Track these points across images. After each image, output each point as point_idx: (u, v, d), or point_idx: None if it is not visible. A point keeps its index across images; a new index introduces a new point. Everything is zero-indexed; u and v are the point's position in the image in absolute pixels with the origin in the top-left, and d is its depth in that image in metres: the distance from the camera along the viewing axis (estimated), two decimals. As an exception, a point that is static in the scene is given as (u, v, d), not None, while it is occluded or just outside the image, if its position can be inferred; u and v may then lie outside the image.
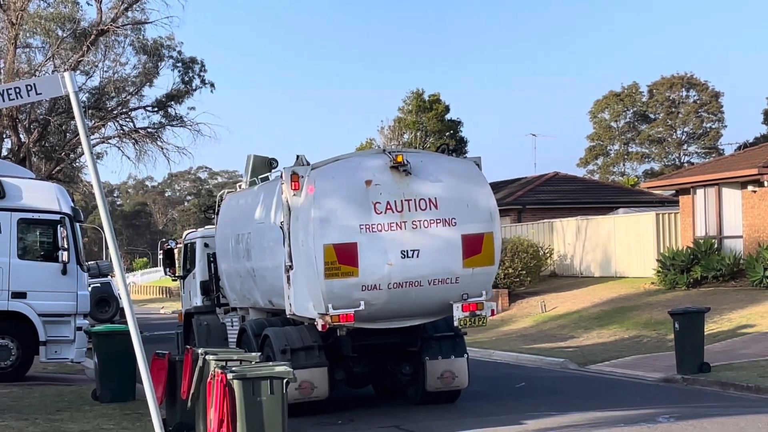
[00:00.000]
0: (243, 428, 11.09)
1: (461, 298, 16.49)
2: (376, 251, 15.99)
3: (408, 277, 16.13)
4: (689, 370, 20.32)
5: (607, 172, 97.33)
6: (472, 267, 16.46)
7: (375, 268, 15.98)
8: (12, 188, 21.76)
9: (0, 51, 41.62)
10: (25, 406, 17.58)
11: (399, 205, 16.14)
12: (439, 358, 17.36)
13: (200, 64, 46.81)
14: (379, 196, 16.12)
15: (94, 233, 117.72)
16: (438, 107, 61.27)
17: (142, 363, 10.96)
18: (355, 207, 16.06)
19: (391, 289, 16.09)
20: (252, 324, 18.69)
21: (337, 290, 15.87)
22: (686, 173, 39.17)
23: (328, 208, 16.00)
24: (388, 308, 16.27)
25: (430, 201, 16.28)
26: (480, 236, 16.50)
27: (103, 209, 11.14)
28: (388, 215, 16.08)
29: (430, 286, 16.28)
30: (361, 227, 15.99)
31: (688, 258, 32.85)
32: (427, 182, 16.41)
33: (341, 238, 15.89)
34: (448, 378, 17.41)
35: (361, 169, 16.42)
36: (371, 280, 15.97)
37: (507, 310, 37.76)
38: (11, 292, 21.49)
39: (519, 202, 48.68)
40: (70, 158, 46.03)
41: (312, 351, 16.74)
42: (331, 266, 15.82)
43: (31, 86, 10.94)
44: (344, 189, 16.22)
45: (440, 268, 16.32)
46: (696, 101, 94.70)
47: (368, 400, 18.90)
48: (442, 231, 16.28)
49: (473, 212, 16.53)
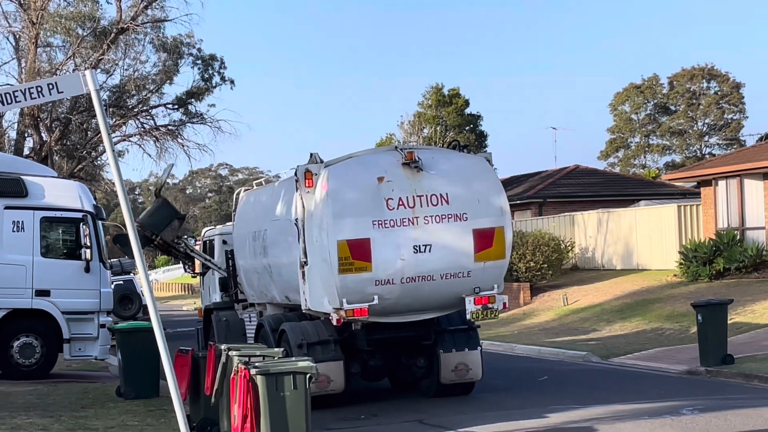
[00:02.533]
0: (267, 423, 11.12)
1: (473, 291, 16.75)
2: (389, 246, 16.30)
3: (420, 272, 16.43)
4: (713, 362, 20.27)
5: (628, 165, 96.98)
6: (483, 261, 16.70)
7: (388, 263, 16.31)
8: (34, 187, 21.87)
9: (21, 50, 41.80)
10: (50, 404, 17.68)
11: (411, 201, 16.46)
12: (453, 350, 17.63)
13: (220, 62, 46.86)
14: (391, 192, 16.44)
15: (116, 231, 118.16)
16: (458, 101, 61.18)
17: (166, 359, 11.01)
18: (367, 203, 16.38)
19: (404, 284, 16.40)
20: (269, 319, 18.98)
21: (351, 285, 16.17)
22: (708, 165, 39.01)
23: (341, 204, 16.32)
24: (402, 302, 16.58)
25: (441, 197, 16.57)
26: (491, 230, 16.74)
27: (125, 207, 11.19)
28: (400, 211, 16.39)
29: (443, 280, 16.55)
30: (374, 223, 16.31)
31: (711, 250, 32.72)
32: (439, 178, 16.71)
33: (354, 233, 16.21)
34: (462, 370, 17.66)
35: (374, 166, 16.76)
36: (384, 275, 16.29)
37: (529, 303, 37.73)
38: (35, 290, 21.62)
39: (540, 195, 48.59)
40: (92, 156, 46.16)
41: (328, 345, 17.07)
42: (345, 261, 16.14)
43: (52, 85, 11.00)
44: (357, 186, 16.54)
45: (452, 263, 16.58)
46: (717, 92, 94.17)
47: (391, 394, 18.93)
48: (453, 226, 16.56)
49: (484, 207, 16.79)
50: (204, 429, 13.93)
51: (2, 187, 21.54)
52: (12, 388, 19.76)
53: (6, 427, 14.93)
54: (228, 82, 46.97)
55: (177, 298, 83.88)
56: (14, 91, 11.01)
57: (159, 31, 44.95)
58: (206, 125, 46.60)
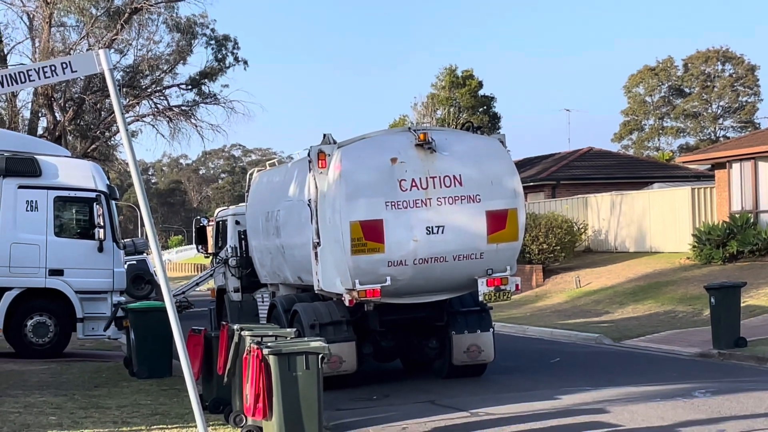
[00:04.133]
0: (279, 403, 11.15)
1: (486, 273, 16.72)
2: (402, 228, 16.29)
3: (433, 253, 16.42)
4: (725, 344, 20.23)
5: (642, 147, 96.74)
6: (496, 243, 16.68)
7: (401, 244, 16.30)
8: (48, 166, 21.91)
9: (35, 30, 41.78)
10: (63, 382, 17.76)
11: (424, 182, 16.41)
12: (466, 332, 17.60)
13: (233, 42, 46.86)
14: (404, 173, 16.39)
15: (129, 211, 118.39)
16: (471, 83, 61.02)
17: (179, 339, 11.02)
18: (380, 184, 16.35)
19: (417, 265, 16.39)
20: (282, 300, 18.97)
21: (363, 266, 16.19)
22: (722, 147, 38.88)
23: (354, 185, 16.29)
24: (414, 283, 16.57)
25: (454, 178, 16.52)
26: (504, 212, 16.72)
27: (138, 187, 11.19)
28: (413, 192, 16.35)
29: (455, 261, 16.54)
30: (387, 204, 16.28)
31: (724, 232, 32.63)
32: (452, 159, 16.64)
33: (367, 215, 16.21)
34: (474, 352, 17.62)
35: (387, 147, 16.70)
36: (397, 256, 16.29)
37: (541, 285, 37.71)
38: (48, 270, 21.69)
39: (553, 177, 48.49)
40: (105, 136, 46.23)
41: (340, 326, 17.09)
42: (358, 242, 16.14)
43: (66, 64, 10.98)
44: (370, 167, 16.48)
45: (465, 244, 16.56)
46: (732, 75, 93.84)
47: (403, 375, 18.95)
48: (466, 207, 16.54)
49: (497, 189, 16.75)
50: (216, 408, 13.97)
51: (16, 166, 21.59)
52: (25, 367, 19.86)
53: (19, 405, 15.01)
54: (241, 62, 46.99)
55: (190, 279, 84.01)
56: (28, 69, 11.00)
57: (172, 11, 44.98)
58: (219, 106, 46.68)
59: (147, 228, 11.34)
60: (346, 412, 14.98)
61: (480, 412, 14.56)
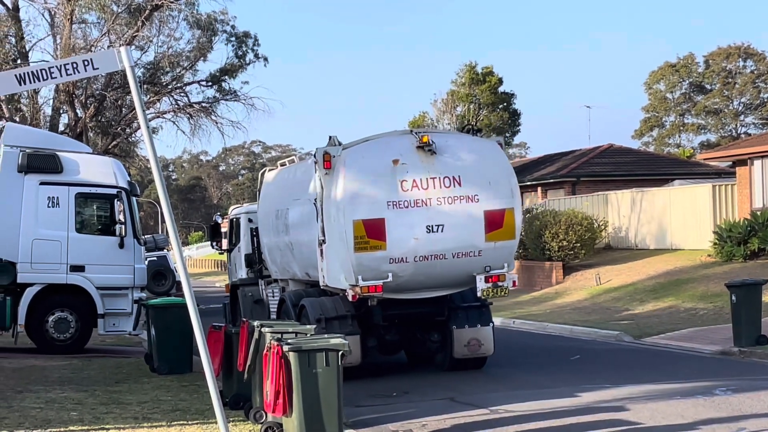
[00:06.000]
0: (299, 400, 11.17)
1: (484, 270, 17.49)
2: (403, 226, 17.07)
3: (433, 251, 17.19)
4: (746, 342, 20.15)
5: (663, 144, 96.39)
6: (494, 241, 17.46)
7: (402, 242, 17.08)
8: (70, 163, 22.01)
9: (56, 27, 41.92)
10: (84, 378, 17.85)
11: (424, 183, 17.21)
12: (466, 326, 18.31)
13: (253, 39, 46.90)
14: (405, 174, 17.18)
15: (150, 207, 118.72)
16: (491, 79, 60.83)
17: (200, 335, 11.05)
18: (383, 185, 17.15)
19: (418, 262, 17.18)
20: (291, 295, 19.77)
21: (366, 263, 16.98)
22: (743, 144, 38.70)
23: (357, 185, 17.10)
24: (415, 280, 17.34)
25: (453, 179, 17.32)
26: (501, 212, 17.50)
27: (159, 183, 11.22)
28: (414, 192, 17.16)
29: (455, 259, 17.32)
30: (389, 204, 17.07)
31: (746, 230, 32.50)
32: (451, 161, 17.44)
33: (370, 214, 17.00)
34: (475, 345, 18.31)
35: (389, 149, 17.46)
36: (398, 254, 17.09)
37: (561, 282, 37.64)
38: (70, 266, 21.80)
39: (573, 174, 48.39)
40: (126, 133, 46.36)
41: (345, 320, 17.80)
42: (361, 240, 16.94)
43: (88, 61, 11.01)
44: (373, 168, 17.30)
45: (464, 242, 17.34)
46: (753, 71, 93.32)
47: (422, 372, 18.96)
48: (465, 207, 17.33)
49: (495, 189, 17.53)
50: (237, 404, 14.02)
51: (38, 162, 21.69)
52: (47, 363, 19.97)
53: (41, 400, 15.09)
54: (262, 59, 47.03)
55: (210, 275, 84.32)
56: (50, 67, 11.04)
57: (193, 7, 45.05)
58: (240, 102, 46.72)
59: (168, 224, 11.37)
60: (365, 408, 15.01)
61: (500, 409, 14.55)
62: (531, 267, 40.04)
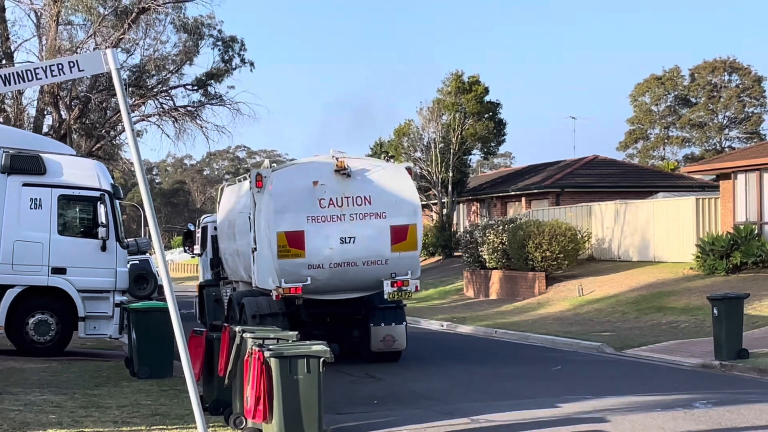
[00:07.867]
0: (279, 406, 11.15)
1: (390, 276, 20.42)
2: (320, 238, 20.11)
3: (346, 259, 20.24)
4: (727, 356, 20.21)
5: (647, 156, 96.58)
6: (399, 252, 20.43)
7: (319, 251, 20.11)
8: (53, 164, 21.91)
9: (42, 28, 41.76)
10: (63, 381, 17.75)
11: (340, 201, 20.19)
12: (382, 324, 21.18)
13: (240, 43, 46.80)
14: (324, 193, 20.17)
15: (133, 211, 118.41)
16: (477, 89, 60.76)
17: (181, 340, 11.01)
18: (304, 202, 20.12)
19: (332, 268, 20.22)
20: (236, 294, 22.82)
21: (288, 268, 20.00)
22: (727, 158, 38.84)
23: (282, 202, 20.08)
24: (331, 283, 20.35)
25: (365, 198, 20.29)
26: (406, 227, 20.46)
27: (143, 187, 11.18)
28: (330, 209, 20.16)
29: (365, 266, 20.33)
30: (308, 218, 20.08)
31: (728, 243, 32.60)
32: (364, 183, 20.40)
33: (292, 226, 19.99)
34: (389, 341, 21.20)
35: (311, 171, 20.41)
36: (316, 261, 20.10)
37: (544, 293, 37.69)
38: (51, 268, 21.68)
39: (557, 185, 48.53)
40: (111, 135, 46.19)
41: (277, 317, 20.36)
42: (283, 249, 19.94)
43: (73, 63, 10.97)
44: (296, 188, 20.23)
45: (373, 252, 20.34)
46: (738, 85, 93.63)
47: (404, 380, 18.97)
48: (374, 222, 20.32)
49: (400, 207, 20.47)
50: (217, 410, 13.96)
51: (21, 164, 21.58)
52: (26, 365, 19.86)
53: (20, 403, 15.00)
54: (248, 64, 46.97)
55: (192, 279, 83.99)
56: (35, 68, 11.00)
57: (180, 11, 44.93)
58: (225, 107, 46.64)
59: (150, 228, 11.34)
60: (346, 416, 14.97)
61: (480, 418, 14.54)
62: (514, 277, 40.08)
